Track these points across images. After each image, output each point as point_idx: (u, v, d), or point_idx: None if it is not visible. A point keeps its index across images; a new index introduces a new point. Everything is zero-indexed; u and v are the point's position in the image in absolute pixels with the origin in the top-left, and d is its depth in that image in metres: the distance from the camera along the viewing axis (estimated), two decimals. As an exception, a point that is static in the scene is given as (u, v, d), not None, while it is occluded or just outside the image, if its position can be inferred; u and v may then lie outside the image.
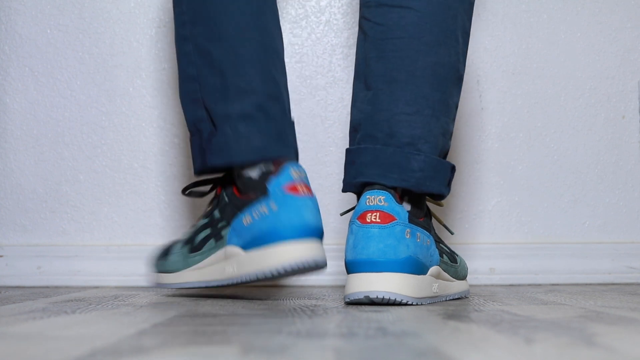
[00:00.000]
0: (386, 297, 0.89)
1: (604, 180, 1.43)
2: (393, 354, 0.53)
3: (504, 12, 1.44)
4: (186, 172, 1.42)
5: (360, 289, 0.89)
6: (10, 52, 1.43)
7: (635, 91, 1.44)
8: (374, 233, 0.90)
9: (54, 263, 1.39)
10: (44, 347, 0.56)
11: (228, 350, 0.54)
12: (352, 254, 0.91)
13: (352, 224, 0.93)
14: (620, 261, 1.40)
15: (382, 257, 0.89)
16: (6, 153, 1.42)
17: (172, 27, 1.43)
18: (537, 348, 0.55)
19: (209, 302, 0.97)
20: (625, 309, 0.85)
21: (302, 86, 1.42)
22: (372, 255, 0.90)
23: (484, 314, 0.80)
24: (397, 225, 0.91)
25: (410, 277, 0.91)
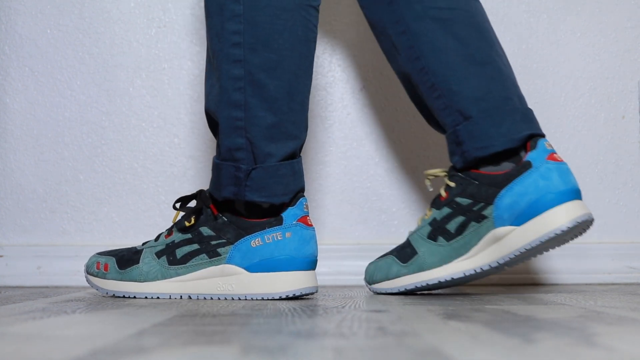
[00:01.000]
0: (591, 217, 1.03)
1: (604, 180, 1.43)
2: (393, 354, 0.53)
3: (504, 12, 1.44)
4: (186, 172, 1.42)
5: (585, 210, 1.01)
6: (10, 52, 1.43)
7: (635, 91, 1.44)
8: (567, 168, 1.03)
9: (54, 263, 1.39)
10: (44, 347, 0.56)
11: (228, 350, 0.54)
12: (565, 184, 1.01)
13: (546, 163, 1.01)
14: (620, 261, 1.40)
15: (577, 186, 1.03)
16: (6, 153, 1.42)
17: (173, 27, 1.43)
18: (537, 348, 0.55)
19: (209, 302, 0.97)
20: (625, 309, 0.85)
21: (302, 86, 1.42)
22: (576, 184, 1.03)
23: (484, 313, 0.80)
24: None
25: None
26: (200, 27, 1.43)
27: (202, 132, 1.42)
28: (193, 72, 1.43)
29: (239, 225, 1.03)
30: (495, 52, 1.08)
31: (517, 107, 1.06)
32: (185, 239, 1.05)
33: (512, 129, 1.04)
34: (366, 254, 1.31)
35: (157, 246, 1.07)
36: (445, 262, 1.06)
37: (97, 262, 1.09)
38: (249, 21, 1.01)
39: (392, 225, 1.42)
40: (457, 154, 1.07)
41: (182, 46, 1.43)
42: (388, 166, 1.42)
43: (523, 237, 1.00)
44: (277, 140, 1.03)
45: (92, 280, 1.09)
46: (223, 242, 1.03)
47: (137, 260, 1.07)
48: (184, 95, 1.43)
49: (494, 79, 1.06)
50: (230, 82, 1.02)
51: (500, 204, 1.02)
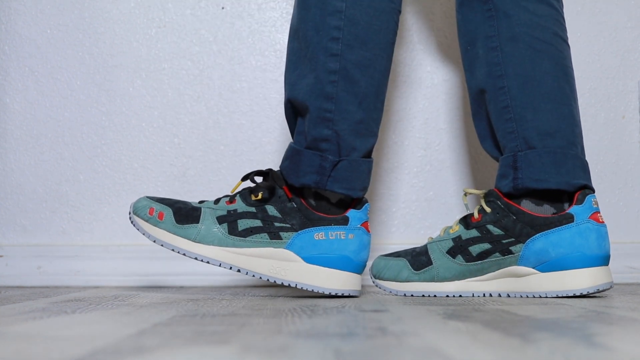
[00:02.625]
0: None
1: (604, 180, 1.43)
2: (393, 353, 0.53)
3: (504, 12, 1.44)
4: (186, 172, 1.42)
5: (608, 278, 1.04)
6: (10, 52, 1.43)
7: (635, 91, 1.44)
8: (606, 232, 1.05)
9: (54, 263, 1.39)
10: (44, 347, 0.56)
11: (228, 350, 0.54)
12: (599, 249, 1.03)
13: (588, 222, 1.03)
14: (620, 261, 1.40)
15: (609, 253, 1.05)
16: (6, 153, 1.42)
17: (173, 27, 1.43)
18: (537, 348, 0.55)
19: (209, 302, 0.97)
20: (625, 309, 0.85)
21: (302, 86, 1.42)
22: (609, 250, 1.05)
23: (484, 313, 0.80)
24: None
25: None
26: (200, 27, 1.43)
27: (202, 132, 1.42)
28: (193, 72, 1.43)
29: (307, 215, 1.05)
30: (573, 99, 1.10)
31: (580, 155, 1.08)
32: (248, 212, 1.05)
33: (571, 173, 1.06)
34: (366, 254, 1.31)
35: (218, 210, 1.06)
36: (458, 278, 1.09)
37: (150, 208, 1.06)
38: (349, 18, 1.04)
39: (392, 225, 1.42)
40: (509, 177, 1.08)
41: (182, 46, 1.43)
42: (388, 166, 1.42)
43: (542, 285, 1.04)
44: (362, 135, 1.06)
45: (140, 224, 1.07)
46: (287, 227, 1.05)
47: (196, 218, 1.05)
48: (184, 95, 1.43)
49: (567, 121, 1.08)
50: (325, 75, 1.04)
51: (531, 246, 1.04)
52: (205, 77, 1.43)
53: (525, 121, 1.07)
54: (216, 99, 1.43)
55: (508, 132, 1.09)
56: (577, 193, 1.05)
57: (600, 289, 1.02)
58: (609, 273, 1.04)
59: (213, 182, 1.42)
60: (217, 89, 1.43)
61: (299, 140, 1.07)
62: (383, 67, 1.07)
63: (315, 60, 1.04)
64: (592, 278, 1.02)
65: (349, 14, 1.04)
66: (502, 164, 1.10)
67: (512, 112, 1.08)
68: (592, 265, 1.02)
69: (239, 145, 1.42)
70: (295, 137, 1.08)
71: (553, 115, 1.07)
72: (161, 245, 1.06)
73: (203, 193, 1.40)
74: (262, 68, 1.43)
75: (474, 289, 1.08)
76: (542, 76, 1.08)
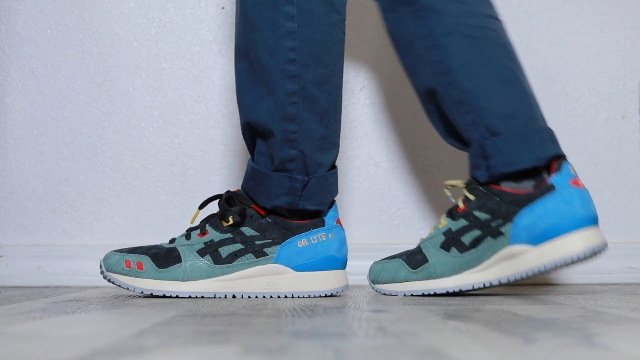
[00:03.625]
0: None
1: (604, 180, 1.43)
2: (393, 354, 0.53)
3: (504, 12, 1.44)
4: (186, 172, 1.42)
5: (601, 238, 1.03)
6: (10, 52, 1.43)
7: (635, 91, 1.44)
8: (589, 196, 1.05)
9: (54, 263, 1.39)
10: (44, 347, 0.56)
11: (228, 350, 0.54)
12: (585, 211, 1.03)
13: (569, 187, 1.03)
14: (620, 261, 1.40)
15: (596, 214, 1.05)
16: (6, 153, 1.42)
17: (173, 27, 1.43)
18: (537, 348, 0.55)
19: (209, 302, 0.97)
20: (625, 309, 0.85)
21: (302, 86, 1.42)
22: (596, 212, 1.05)
23: (484, 313, 0.80)
24: None
25: None
26: (200, 27, 1.43)
27: (202, 132, 1.42)
28: (193, 72, 1.43)
29: (284, 226, 1.07)
30: (520, 72, 1.11)
31: (543, 126, 1.08)
32: (225, 239, 1.07)
33: (539, 147, 1.06)
34: (366, 254, 1.31)
35: (195, 245, 1.07)
36: (456, 272, 1.08)
37: (126, 260, 1.06)
38: (302, 38, 1.04)
39: (392, 225, 1.42)
40: (482, 168, 1.08)
41: (182, 46, 1.43)
42: (388, 166, 1.42)
43: (538, 259, 1.02)
44: (326, 150, 1.08)
45: (120, 279, 1.06)
46: (269, 242, 1.07)
47: (177, 258, 1.06)
48: (184, 95, 1.43)
49: (521, 97, 1.08)
50: (285, 97, 1.05)
51: (519, 223, 1.04)
52: (205, 77, 1.43)
53: (482, 110, 1.08)
54: (216, 99, 1.43)
55: (469, 125, 1.09)
56: (553, 163, 1.05)
57: (596, 250, 1.01)
58: (600, 233, 1.03)
59: (213, 182, 1.42)
60: (217, 89, 1.43)
61: (263, 162, 1.08)
62: (338, 80, 1.08)
63: (272, 84, 1.05)
64: (584, 240, 1.01)
65: (302, 33, 1.04)
66: (472, 156, 1.10)
67: (467, 104, 1.08)
68: (581, 227, 1.01)
69: (239, 145, 1.42)
70: (256, 157, 1.09)
71: (508, 96, 1.08)
72: (150, 294, 1.06)
73: (203, 193, 1.41)
74: (262, 68, 1.43)
75: (474, 281, 1.07)
76: (486, 61, 1.09)
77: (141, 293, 1.07)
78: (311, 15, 1.04)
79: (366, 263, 1.21)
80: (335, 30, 1.07)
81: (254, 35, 1.05)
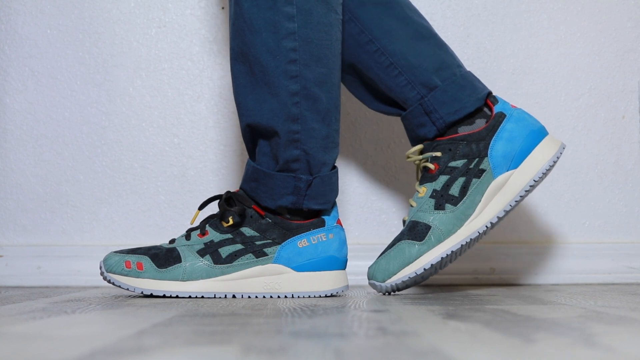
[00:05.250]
0: None
1: (604, 180, 1.43)
2: (393, 354, 0.53)
3: (504, 12, 1.44)
4: (186, 172, 1.42)
5: (559, 140, 1.16)
6: (10, 52, 1.43)
7: (635, 91, 1.44)
8: (527, 112, 1.17)
9: (54, 263, 1.39)
10: (44, 347, 0.56)
11: (228, 350, 0.54)
12: (537, 123, 1.14)
13: (514, 109, 1.13)
14: (620, 261, 1.40)
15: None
16: (6, 153, 1.42)
17: (173, 27, 1.43)
18: (537, 348, 0.55)
19: (209, 302, 0.97)
20: (625, 309, 0.85)
21: (302, 86, 1.42)
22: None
23: (484, 313, 0.80)
24: None
25: None
26: (200, 27, 1.43)
27: (202, 132, 1.42)
28: (193, 72, 1.43)
29: (284, 227, 1.08)
30: (430, 26, 1.16)
31: (467, 71, 1.15)
32: (226, 239, 1.07)
33: (474, 90, 1.13)
34: (366, 254, 1.31)
35: (195, 245, 1.07)
36: (458, 226, 1.09)
37: (126, 261, 1.06)
38: (303, 38, 1.05)
39: (392, 225, 1.42)
40: (426, 124, 1.13)
41: (182, 46, 1.43)
42: (388, 166, 1.42)
43: (524, 176, 1.10)
44: (329, 150, 1.09)
45: (120, 280, 1.06)
46: (269, 242, 1.07)
47: (177, 258, 1.06)
48: (184, 95, 1.43)
49: (442, 49, 1.14)
50: (288, 98, 1.05)
51: (494, 154, 1.10)
52: (205, 77, 1.43)
53: (414, 68, 1.12)
54: (216, 99, 1.43)
55: (403, 86, 1.13)
56: (487, 99, 1.13)
57: (562, 150, 1.12)
58: (554, 137, 1.12)
59: (213, 182, 1.42)
60: (217, 89, 1.43)
61: (266, 162, 1.08)
62: (337, 79, 1.09)
63: (275, 85, 1.05)
64: (551, 145, 1.11)
65: (302, 33, 1.05)
66: (413, 116, 1.13)
67: (398, 66, 1.12)
68: (543, 136, 1.12)
69: (239, 145, 1.42)
70: (258, 158, 1.09)
71: (430, 51, 1.13)
72: (150, 294, 1.06)
73: (203, 193, 1.41)
74: (262, 68, 1.43)
75: (476, 227, 1.09)
76: (402, 23, 1.14)
77: (141, 293, 1.06)
78: (310, 15, 1.05)
79: (366, 263, 1.21)
80: (333, 30, 1.08)
81: (252, 38, 1.05)
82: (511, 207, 1.10)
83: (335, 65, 1.08)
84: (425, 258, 1.07)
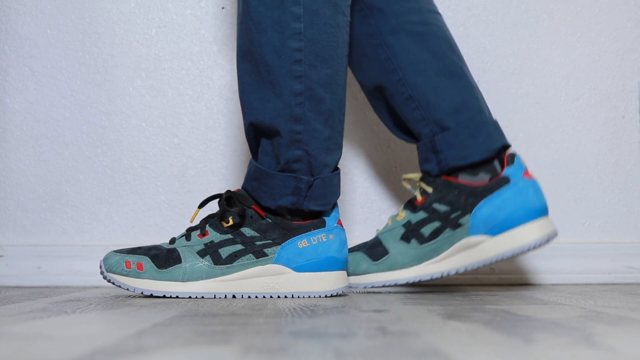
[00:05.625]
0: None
1: (604, 180, 1.43)
2: (393, 354, 0.53)
3: (504, 12, 1.44)
4: (186, 172, 1.42)
5: (553, 227, 1.11)
6: (10, 52, 1.43)
7: (635, 91, 1.44)
8: (539, 186, 1.11)
9: (54, 263, 1.39)
10: (44, 347, 0.56)
11: (228, 350, 0.54)
12: (539, 202, 1.10)
13: (523, 180, 1.09)
14: (620, 261, 1.40)
15: (547, 204, 1.12)
16: (6, 153, 1.42)
17: (173, 27, 1.43)
18: (537, 348, 0.55)
19: (209, 302, 0.97)
20: (625, 309, 0.85)
21: (302, 86, 1.42)
22: (546, 202, 1.12)
23: (484, 313, 0.80)
24: None
25: None
26: (200, 27, 1.43)
27: (202, 132, 1.42)
28: (193, 72, 1.43)
29: (284, 227, 1.07)
30: (464, 65, 1.15)
31: (489, 119, 1.13)
32: (226, 239, 1.07)
33: (487, 140, 1.11)
34: (366, 254, 1.31)
35: (195, 246, 1.07)
36: (415, 263, 1.11)
37: (126, 261, 1.06)
38: (309, 39, 1.04)
39: (392, 225, 1.42)
40: (432, 161, 1.13)
41: (182, 46, 1.43)
42: (388, 166, 1.42)
43: (497, 248, 1.08)
44: (331, 151, 1.08)
45: (120, 280, 1.06)
46: (269, 243, 1.07)
47: (177, 258, 1.06)
48: (184, 95, 1.43)
49: (467, 91, 1.13)
50: (291, 98, 1.05)
51: (478, 214, 1.08)
52: (205, 77, 1.43)
53: (430, 105, 1.12)
54: (216, 99, 1.43)
55: (419, 120, 1.13)
56: (505, 156, 1.11)
57: (549, 238, 1.09)
58: (551, 222, 1.11)
59: (213, 182, 1.42)
60: (217, 89, 1.43)
61: (267, 162, 1.08)
62: (343, 81, 1.09)
63: (279, 84, 1.05)
64: (540, 229, 1.08)
65: (308, 34, 1.04)
66: (422, 150, 1.14)
67: (416, 100, 1.12)
68: (536, 217, 1.08)
69: (239, 145, 1.42)
70: (260, 157, 1.09)
71: (454, 91, 1.12)
72: (150, 295, 1.06)
73: (203, 193, 1.41)
74: (262, 68, 1.43)
75: (431, 272, 1.10)
76: (431, 57, 1.12)
77: (141, 294, 1.06)
78: (317, 15, 1.04)
79: (366, 263, 1.21)
80: (340, 32, 1.07)
81: (259, 36, 1.05)
82: (474, 269, 1.10)
83: (341, 67, 1.08)
84: (371, 277, 1.13)
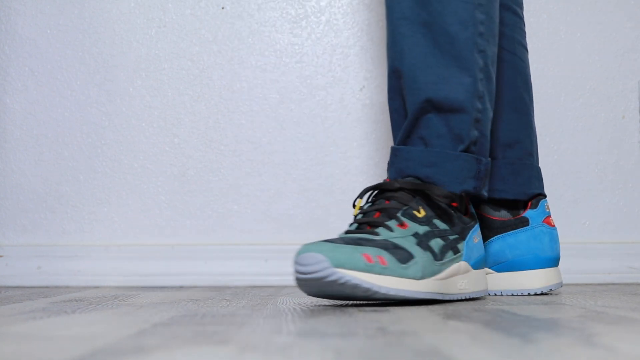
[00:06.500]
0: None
1: (604, 180, 1.43)
2: (393, 354, 0.53)
3: (504, 12, 1.44)
4: (186, 172, 1.42)
5: (559, 279, 1.09)
6: (10, 52, 1.43)
7: (635, 91, 1.44)
8: (557, 235, 1.10)
9: (54, 263, 1.39)
10: (44, 347, 0.56)
11: (228, 350, 0.54)
12: (552, 252, 1.09)
13: (542, 225, 1.08)
14: (620, 261, 1.40)
15: (560, 255, 1.11)
16: (6, 153, 1.42)
17: (173, 27, 1.43)
18: (537, 348, 0.55)
19: (209, 302, 0.97)
20: (625, 309, 0.85)
21: (302, 86, 1.42)
22: (559, 253, 1.10)
23: (484, 313, 0.80)
24: None
25: None
26: (200, 27, 1.43)
27: (202, 132, 1.42)
28: (193, 72, 1.43)
29: (461, 220, 0.98)
30: (531, 106, 1.13)
31: (535, 164, 1.11)
32: (429, 231, 0.93)
33: (527, 183, 1.09)
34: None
35: (407, 237, 0.91)
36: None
37: (364, 254, 0.84)
38: (488, 12, 0.99)
39: (392, 225, 1.42)
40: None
41: (182, 46, 1.43)
42: (388, 166, 1.42)
43: (497, 284, 1.08)
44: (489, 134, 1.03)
45: (358, 277, 0.83)
46: (457, 238, 0.96)
47: (407, 252, 0.89)
48: (184, 95, 1.43)
49: (526, 131, 1.11)
50: (478, 73, 0.98)
51: (489, 248, 1.08)
52: (205, 77, 1.43)
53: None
54: (216, 99, 1.43)
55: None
56: (531, 199, 1.10)
57: (552, 288, 1.08)
58: (559, 274, 1.10)
59: (213, 182, 1.42)
60: (217, 89, 1.43)
61: (441, 145, 0.97)
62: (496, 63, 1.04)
63: (464, 58, 0.97)
64: (545, 278, 1.07)
65: (487, 7, 0.99)
66: None
67: None
68: (545, 267, 1.08)
69: (239, 145, 1.42)
70: (431, 140, 0.97)
71: (513, 126, 1.10)
72: (393, 296, 0.86)
73: (203, 193, 1.40)
74: (262, 68, 1.43)
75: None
76: (504, 86, 1.10)
77: (384, 294, 0.85)
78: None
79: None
80: (499, 11, 1.03)
81: (440, 6, 0.97)
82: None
83: (497, 49, 1.02)
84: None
